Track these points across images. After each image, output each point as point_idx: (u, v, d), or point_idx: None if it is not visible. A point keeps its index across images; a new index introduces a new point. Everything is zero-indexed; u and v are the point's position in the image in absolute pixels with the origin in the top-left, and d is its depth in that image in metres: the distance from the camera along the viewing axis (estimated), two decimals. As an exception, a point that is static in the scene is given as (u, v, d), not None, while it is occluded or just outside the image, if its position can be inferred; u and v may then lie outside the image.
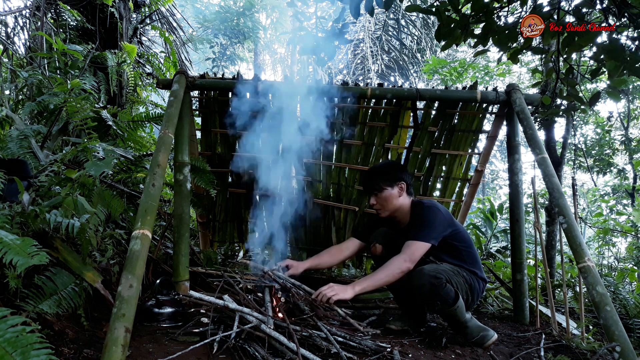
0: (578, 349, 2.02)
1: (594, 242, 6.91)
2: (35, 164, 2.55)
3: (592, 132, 8.29)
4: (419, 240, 2.05)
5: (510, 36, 2.05)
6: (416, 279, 1.94)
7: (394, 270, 2.01)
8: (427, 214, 2.12)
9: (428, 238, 2.06)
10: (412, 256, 2.03)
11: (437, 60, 7.36)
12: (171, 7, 5.06)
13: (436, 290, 1.89)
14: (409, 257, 2.02)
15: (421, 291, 1.92)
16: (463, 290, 2.02)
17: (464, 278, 2.05)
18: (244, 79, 2.74)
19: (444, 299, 1.91)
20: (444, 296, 1.91)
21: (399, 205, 2.25)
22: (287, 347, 1.63)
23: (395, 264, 2.02)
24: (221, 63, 12.73)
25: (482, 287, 2.14)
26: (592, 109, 4.82)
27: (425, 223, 2.10)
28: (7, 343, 1.07)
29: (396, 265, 2.02)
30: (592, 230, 6.87)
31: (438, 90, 2.80)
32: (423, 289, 1.91)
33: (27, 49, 3.86)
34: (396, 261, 2.03)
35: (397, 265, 2.01)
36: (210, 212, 3.32)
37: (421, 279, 1.92)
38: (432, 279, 1.90)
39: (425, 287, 1.90)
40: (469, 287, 2.06)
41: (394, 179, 2.24)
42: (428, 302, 1.96)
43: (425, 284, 1.90)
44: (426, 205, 2.17)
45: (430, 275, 1.91)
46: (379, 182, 2.24)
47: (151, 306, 2.06)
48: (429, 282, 1.90)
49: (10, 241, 1.34)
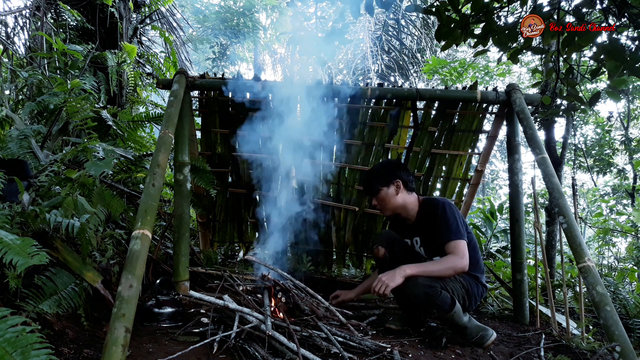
0: (578, 349, 2.02)
1: (594, 242, 6.91)
2: (35, 164, 2.55)
3: (592, 132, 8.29)
4: (458, 239, 2.06)
5: (510, 36, 2.05)
6: (411, 289, 1.95)
7: (448, 266, 2.00)
8: (452, 212, 2.13)
9: (462, 235, 2.08)
10: (464, 255, 2.03)
11: (437, 60, 7.35)
12: (171, 7, 5.06)
13: (431, 299, 1.91)
14: (462, 255, 2.02)
15: (417, 301, 1.94)
16: (460, 295, 2.03)
17: (461, 283, 2.06)
18: (243, 79, 2.74)
19: (440, 307, 1.92)
20: (440, 304, 1.92)
21: (400, 202, 2.25)
22: (287, 347, 1.63)
23: (452, 260, 2.01)
24: (221, 63, 12.73)
25: (480, 292, 2.14)
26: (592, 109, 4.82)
27: (452, 221, 2.10)
28: (7, 343, 1.07)
29: (452, 262, 2.01)
30: (592, 230, 6.87)
31: (438, 90, 2.80)
32: (419, 298, 1.93)
33: (27, 49, 3.86)
34: (453, 259, 2.02)
35: (453, 263, 2.01)
36: (210, 212, 3.32)
37: (416, 288, 1.93)
38: (426, 289, 1.92)
39: (421, 297, 1.92)
40: (465, 291, 2.06)
41: (388, 178, 2.24)
42: (424, 311, 1.99)
43: (420, 294, 1.92)
44: (442, 202, 2.17)
45: (425, 285, 1.93)
46: (374, 183, 2.26)
47: (151, 306, 2.06)
48: (424, 292, 1.91)
49: (10, 241, 1.34)
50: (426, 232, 2.22)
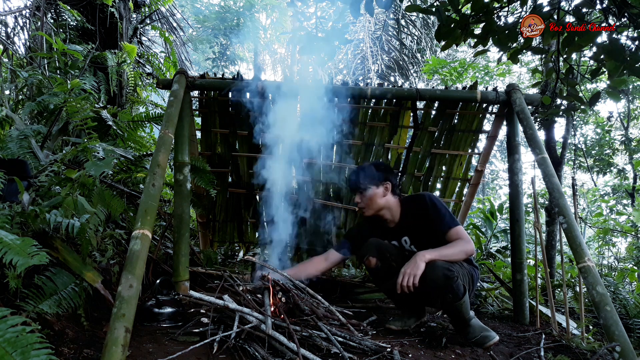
0: (578, 349, 2.02)
1: (594, 242, 6.91)
2: (35, 164, 2.55)
3: (592, 132, 8.29)
4: (457, 225, 2.12)
5: (510, 36, 2.05)
6: (431, 272, 1.94)
7: (461, 249, 2.04)
8: (439, 202, 2.18)
9: (457, 221, 2.15)
10: (469, 239, 2.08)
11: (437, 60, 7.35)
12: (171, 7, 5.06)
13: (449, 282, 1.91)
14: (468, 239, 2.07)
15: (435, 284, 1.93)
16: (467, 281, 2.04)
17: (466, 269, 2.07)
18: (244, 78, 2.74)
19: (455, 292, 1.93)
20: (456, 289, 1.92)
21: (384, 204, 2.26)
22: (287, 347, 1.63)
23: (463, 244, 2.05)
24: (221, 63, 12.72)
25: (477, 275, 2.17)
26: (592, 109, 4.82)
27: (444, 210, 2.15)
28: (7, 343, 1.07)
29: (463, 246, 2.05)
30: (592, 230, 6.87)
31: (438, 90, 2.80)
32: (438, 281, 1.92)
33: (27, 49, 3.86)
34: (462, 243, 2.06)
35: (465, 247, 2.05)
36: (210, 212, 3.32)
37: (435, 271, 1.93)
38: (446, 271, 1.91)
39: (440, 279, 1.91)
40: (470, 277, 2.08)
41: (380, 178, 2.25)
42: (440, 295, 1.96)
43: (440, 276, 1.91)
44: (425, 197, 2.21)
45: (444, 267, 1.93)
46: (364, 180, 2.26)
47: (151, 306, 2.06)
48: (443, 274, 1.91)
49: (10, 241, 1.34)
50: (415, 229, 2.23)
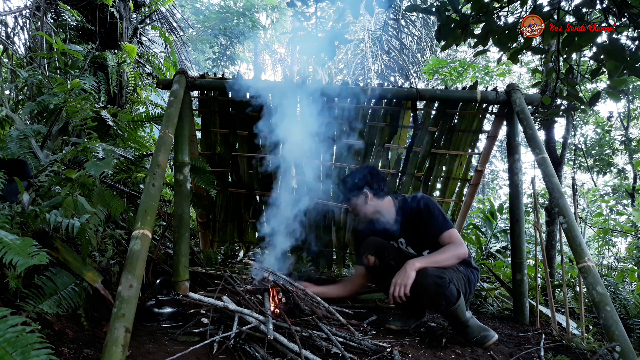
0: (578, 349, 2.02)
1: (594, 242, 6.90)
2: (35, 164, 2.55)
3: (592, 132, 8.28)
4: (450, 228, 2.11)
5: (510, 36, 2.05)
6: (422, 279, 1.94)
7: (452, 254, 2.04)
8: (433, 204, 2.18)
9: (451, 224, 2.14)
10: (462, 242, 2.08)
11: (437, 60, 7.34)
12: (171, 7, 5.06)
13: (441, 289, 1.91)
14: (460, 242, 2.07)
15: (427, 291, 1.94)
16: (462, 285, 2.04)
17: (462, 273, 2.07)
18: (243, 78, 2.74)
19: (448, 298, 1.92)
20: (449, 295, 1.92)
21: (372, 210, 2.28)
22: (288, 347, 1.63)
23: (454, 249, 2.05)
24: (221, 63, 12.72)
25: (476, 277, 2.16)
26: (592, 109, 4.82)
27: (437, 213, 2.15)
28: (7, 343, 1.07)
29: (454, 250, 2.05)
30: (592, 230, 6.86)
31: (438, 90, 2.80)
32: (429, 288, 1.92)
33: (27, 49, 3.85)
34: (453, 247, 2.06)
35: (456, 251, 2.05)
36: (210, 212, 3.32)
37: (426, 279, 1.93)
38: (437, 279, 1.92)
39: (431, 287, 1.92)
40: (466, 280, 2.08)
41: (357, 188, 2.28)
42: (433, 302, 1.97)
43: (431, 283, 1.92)
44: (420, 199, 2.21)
45: (435, 275, 1.93)
46: (345, 194, 2.32)
47: (151, 306, 2.06)
48: (434, 282, 1.91)
49: (10, 241, 1.34)
50: (410, 231, 2.23)
